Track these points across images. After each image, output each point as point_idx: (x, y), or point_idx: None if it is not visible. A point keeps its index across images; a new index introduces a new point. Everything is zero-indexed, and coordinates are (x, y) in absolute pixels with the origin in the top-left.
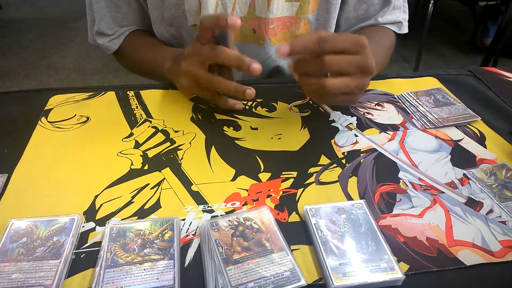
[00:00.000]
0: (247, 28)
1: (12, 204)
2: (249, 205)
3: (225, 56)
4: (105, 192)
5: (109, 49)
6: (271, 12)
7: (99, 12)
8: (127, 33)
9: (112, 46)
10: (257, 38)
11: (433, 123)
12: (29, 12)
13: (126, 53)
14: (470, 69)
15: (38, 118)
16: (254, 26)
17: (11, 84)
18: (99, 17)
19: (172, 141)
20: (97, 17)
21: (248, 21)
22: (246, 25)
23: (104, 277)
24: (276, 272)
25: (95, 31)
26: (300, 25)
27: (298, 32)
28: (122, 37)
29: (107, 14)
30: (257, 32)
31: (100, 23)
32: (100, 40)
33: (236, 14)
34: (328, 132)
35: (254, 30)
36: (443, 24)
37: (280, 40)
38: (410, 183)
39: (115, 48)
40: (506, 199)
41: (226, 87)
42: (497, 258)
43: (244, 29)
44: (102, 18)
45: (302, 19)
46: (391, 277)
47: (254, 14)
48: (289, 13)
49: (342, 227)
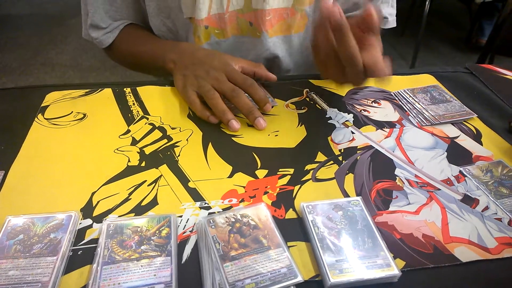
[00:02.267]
0: (243, 21)
1: (9, 201)
2: (246, 201)
3: (239, 103)
4: (102, 189)
5: (103, 42)
6: (267, 3)
7: (92, 4)
8: (121, 27)
9: (106, 39)
10: (253, 30)
11: (430, 120)
12: (25, 8)
13: (121, 46)
14: (467, 67)
15: (35, 115)
16: (251, 18)
17: (7, 81)
18: (92, 9)
19: (169, 138)
20: (91, 10)
21: (245, 14)
22: (243, 18)
23: (101, 274)
24: (273, 269)
25: (89, 24)
26: (296, 16)
27: (293, 24)
28: (117, 31)
29: (101, 7)
30: (253, 24)
31: (94, 16)
32: (94, 34)
33: (232, 6)
34: (324, 129)
35: (250, 22)
36: (440, 22)
37: (276, 32)
38: (406, 180)
39: (109, 41)
40: (502, 196)
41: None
42: (493, 255)
43: (241, 22)
44: (95, 10)
45: (298, 10)
46: (388, 274)
47: (250, 6)
48: (285, 5)
49: (339, 223)
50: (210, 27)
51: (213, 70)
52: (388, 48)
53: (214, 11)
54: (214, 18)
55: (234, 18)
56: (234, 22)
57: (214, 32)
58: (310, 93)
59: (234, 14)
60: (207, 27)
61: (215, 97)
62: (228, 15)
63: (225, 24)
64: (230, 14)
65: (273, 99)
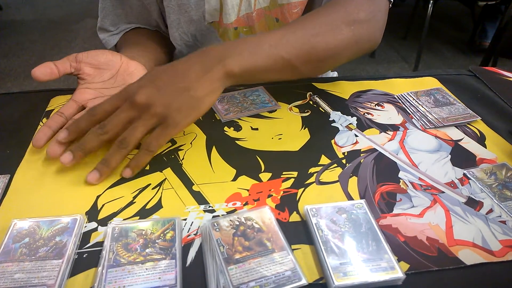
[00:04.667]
0: (270, 18)
1: (15, 205)
2: (250, 205)
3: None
4: (107, 192)
5: (108, 43)
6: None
7: (103, 9)
8: (128, 30)
9: (112, 40)
10: (280, 26)
11: (433, 123)
12: (30, 13)
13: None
14: (470, 69)
15: (40, 119)
16: (277, 14)
17: (12, 85)
18: (102, 14)
19: (173, 141)
20: (101, 14)
21: (271, 10)
22: (270, 15)
23: (106, 277)
24: (277, 272)
25: (98, 27)
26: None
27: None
28: (122, 33)
29: (112, 13)
30: (280, 20)
31: (103, 20)
32: (101, 35)
33: (259, 4)
34: (328, 132)
35: (277, 19)
36: (443, 24)
37: None
38: (410, 183)
39: (114, 42)
40: (506, 198)
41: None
42: (497, 258)
43: (268, 19)
44: (106, 15)
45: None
46: (392, 277)
47: (276, 2)
48: None
49: (343, 226)
50: (239, 27)
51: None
52: (391, 51)
53: (243, 12)
54: (243, 19)
55: (262, 15)
56: (261, 19)
57: (242, 30)
58: (314, 96)
59: (262, 12)
60: (236, 28)
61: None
62: (256, 13)
63: (253, 21)
64: (257, 12)
65: (276, 102)
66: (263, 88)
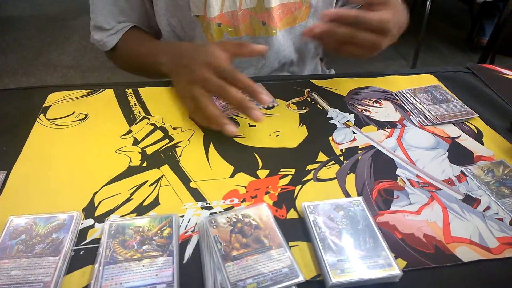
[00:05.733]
0: (256, 21)
1: (11, 201)
2: (247, 202)
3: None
4: (104, 189)
5: (106, 45)
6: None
7: (97, 6)
8: (125, 29)
9: (110, 41)
10: (266, 29)
11: (431, 120)
12: (27, 9)
13: (122, 49)
14: (468, 66)
15: (37, 115)
16: (263, 18)
17: (9, 82)
18: (96, 10)
19: (170, 138)
20: (95, 10)
21: (258, 13)
22: (256, 17)
23: (103, 274)
24: (274, 269)
25: (92, 25)
26: (302, 9)
27: (298, 16)
28: (121, 33)
29: (106, 8)
30: (266, 23)
31: (97, 17)
32: (97, 36)
33: (245, 4)
34: (326, 129)
35: (263, 22)
36: (441, 22)
37: (284, 25)
38: (407, 180)
39: (113, 43)
40: (503, 196)
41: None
42: (494, 255)
43: (254, 22)
44: (99, 11)
45: (304, 3)
46: (389, 274)
47: (263, 5)
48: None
49: (340, 223)
50: (223, 25)
51: (199, 69)
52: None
53: (227, 9)
54: (227, 16)
55: (248, 17)
56: (247, 21)
57: (227, 30)
58: (311, 93)
59: (248, 13)
60: (219, 25)
61: (205, 105)
62: (241, 13)
63: (238, 22)
64: (243, 12)
65: (274, 99)
66: (261, 85)
